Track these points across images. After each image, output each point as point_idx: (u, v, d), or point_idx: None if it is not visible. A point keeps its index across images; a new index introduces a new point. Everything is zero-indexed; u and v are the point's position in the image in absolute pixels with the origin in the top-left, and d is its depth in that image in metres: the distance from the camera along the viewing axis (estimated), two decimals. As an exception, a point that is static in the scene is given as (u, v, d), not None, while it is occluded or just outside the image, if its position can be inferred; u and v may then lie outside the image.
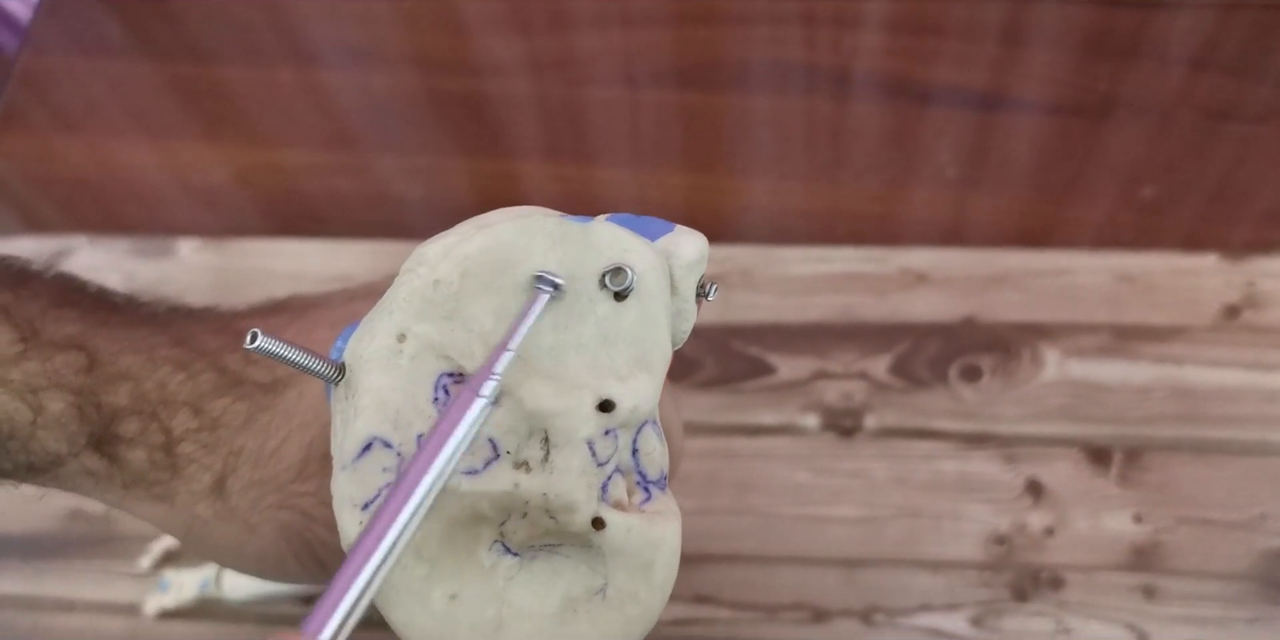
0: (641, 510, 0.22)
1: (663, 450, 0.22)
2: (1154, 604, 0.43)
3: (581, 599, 0.21)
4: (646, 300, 0.22)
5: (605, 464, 0.21)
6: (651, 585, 0.21)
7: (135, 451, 0.24)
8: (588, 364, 0.21)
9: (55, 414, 0.23)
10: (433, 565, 0.20)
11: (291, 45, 0.61)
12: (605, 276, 0.22)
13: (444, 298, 0.21)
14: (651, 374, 0.22)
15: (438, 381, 0.21)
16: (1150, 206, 0.53)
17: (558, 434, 0.21)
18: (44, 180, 0.59)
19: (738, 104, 0.58)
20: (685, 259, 0.23)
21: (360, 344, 0.21)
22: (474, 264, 0.21)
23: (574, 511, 0.21)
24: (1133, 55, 0.57)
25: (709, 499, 0.46)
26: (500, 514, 0.21)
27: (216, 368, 0.25)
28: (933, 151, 0.56)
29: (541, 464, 0.21)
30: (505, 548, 0.21)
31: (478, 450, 0.20)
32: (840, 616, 0.44)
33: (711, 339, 0.50)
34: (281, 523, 0.24)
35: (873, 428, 0.47)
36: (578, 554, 0.21)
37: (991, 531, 0.45)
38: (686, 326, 0.23)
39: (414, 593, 0.20)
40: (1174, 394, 0.47)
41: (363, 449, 0.20)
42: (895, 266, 0.51)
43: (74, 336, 0.24)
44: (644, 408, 0.21)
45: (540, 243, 0.21)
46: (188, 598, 0.44)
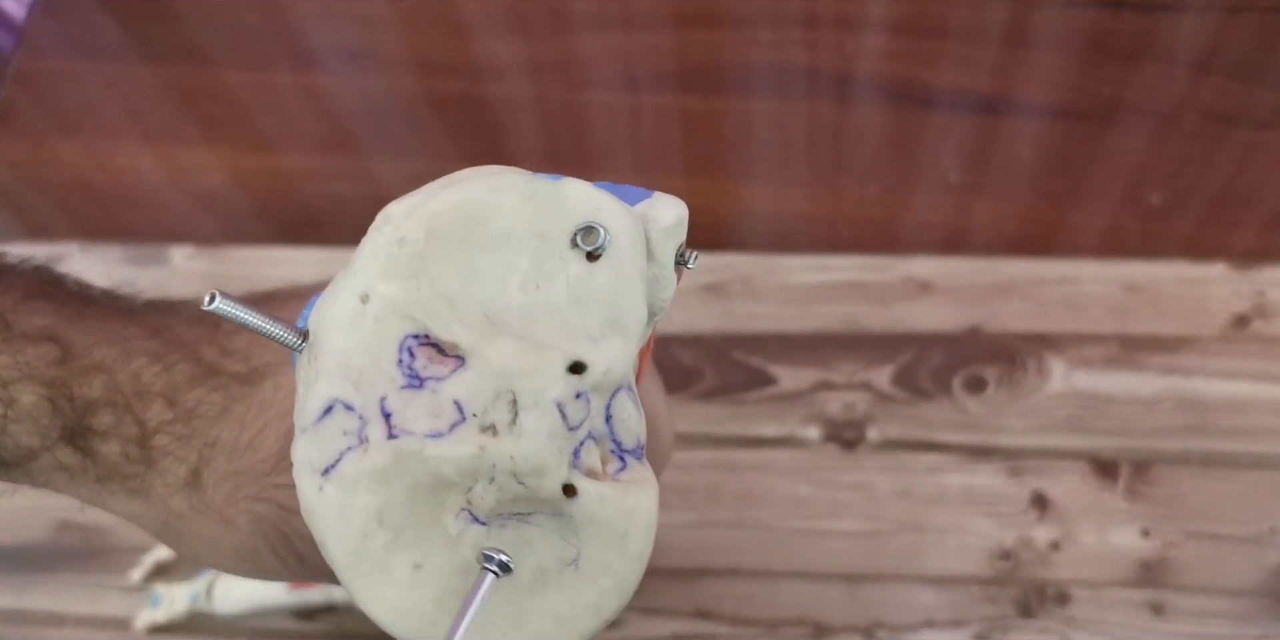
0: (616, 479, 0.21)
1: (639, 418, 0.22)
2: (1162, 621, 0.42)
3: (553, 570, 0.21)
4: (620, 261, 0.21)
5: (577, 429, 0.20)
6: (626, 556, 0.21)
7: (109, 444, 0.23)
8: (559, 325, 0.21)
9: (27, 407, 0.23)
10: (396, 533, 0.20)
11: (289, 47, 0.60)
12: (577, 235, 0.21)
13: (409, 257, 0.20)
14: (625, 337, 0.21)
15: (402, 343, 0.20)
16: (1157, 213, 0.53)
17: (526, 396, 0.20)
18: (39, 183, 0.59)
19: (739, 108, 0.57)
20: (662, 223, 0.22)
21: (323, 306, 0.20)
22: (441, 222, 0.20)
23: (543, 476, 0.20)
24: (1137, 59, 0.56)
25: (709, 512, 0.46)
26: (466, 479, 0.20)
27: (192, 359, 0.24)
28: (936, 156, 0.55)
29: (509, 427, 0.20)
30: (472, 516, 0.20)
31: (442, 413, 0.20)
32: (842, 633, 0.43)
33: (712, 349, 0.49)
34: (258, 515, 0.24)
35: (875, 440, 0.47)
36: (549, 523, 0.21)
37: (996, 546, 0.44)
38: (665, 294, 0.23)
39: (376, 562, 0.20)
40: (1182, 405, 0.46)
41: (324, 411, 0.20)
42: (898, 275, 0.50)
43: (47, 329, 0.23)
44: (617, 371, 0.21)
45: (510, 199, 0.21)
46: (179, 612, 0.43)
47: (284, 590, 0.42)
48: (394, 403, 0.20)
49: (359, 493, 0.20)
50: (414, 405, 0.20)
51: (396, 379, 0.20)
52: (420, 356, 0.20)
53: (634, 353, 0.21)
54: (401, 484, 0.20)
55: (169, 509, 0.24)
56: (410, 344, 0.20)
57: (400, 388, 0.20)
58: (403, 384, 0.20)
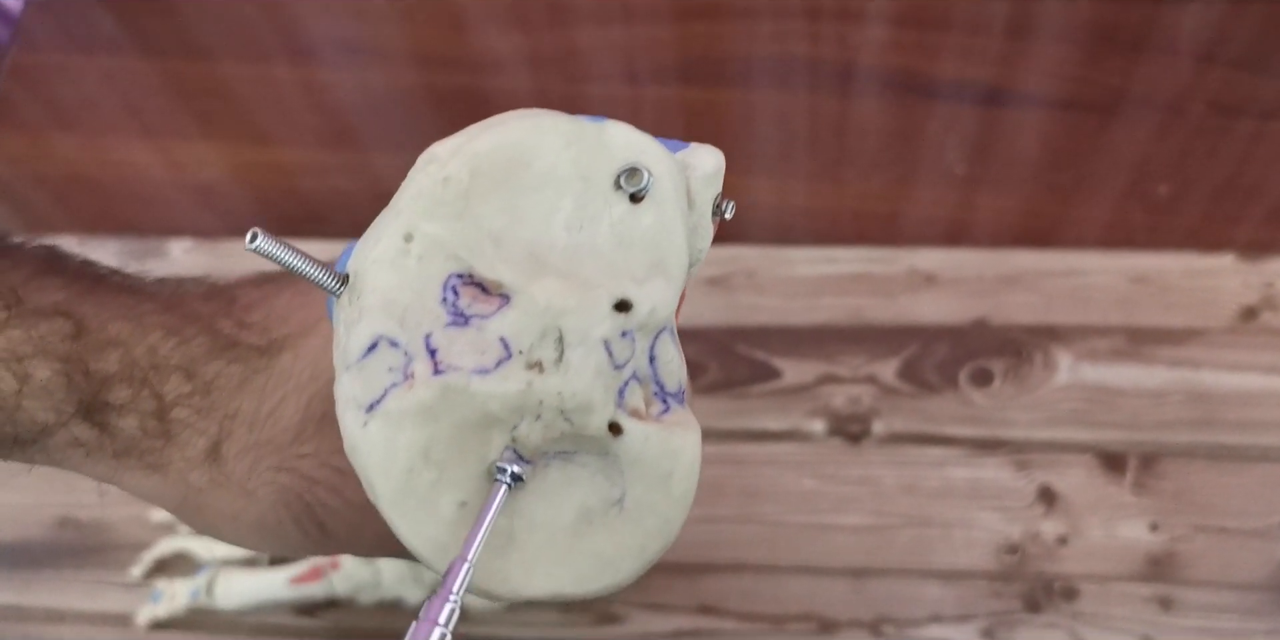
0: (661, 421, 0.21)
1: (680, 362, 0.22)
2: (1170, 615, 0.42)
3: (598, 510, 0.21)
4: (663, 204, 0.21)
5: (622, 367, 0.20)
6: (670, 497, 0.21)
7: (126, 419, 0.23)
8: (603, 266, 0.21)
9: (42, 382, 0.22)
10: (441, 470, 0.20)
11: (288, 41, 0.60)
12: (620, 177, 0.21)
13: (453, 196, 0.20)
14: (669, 279, 0.21)
15: (446, 281, 0.20)
16: (1164, 205, 0.52)
17: (573, 333, 0.20)
18: (36, 178, 0.58)
19: (741, 100, 0.57)
20: (702, 171, 0.22)
21: (366, 247, 0.20)
22: (484, 162, 0.20)
23: (590, 412, 0.20)
24: (1142, 50, 0.56)
25: (714, 507, 0.45)
26: (513, 416, 0.20)
27: (209, 332, 0.24)
28: (940, 149, 0.54)
29: (555, 364, 0.20)
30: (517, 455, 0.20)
31: (488, 350, 0.20)
32: (848, 628, 0.43)
33: (716, 342, 0.49)
34: (280, 486, 0.24)
35: (881, 433, 0.46)
36: (594, 462, 0.21)
37: (1003, 540, 0.44)
38: (703, 244, 0.23)
39: (422, 499, 0.20)
40: (1190, 398, 0.46)
41: (368, 348, 0.20)
42: (903, 267, 0.50)
43: (59, 304, 0.23)
44: (661, 311, 0.21)
45: (553, 141, 0.21)
46: (179, 607, 0.43)
47: (285, 585, 0.42)
48: (439, 339, 0.20)
49: (405, 428, 0.20)
50: (460, 342, 0.20)
51: (441, 317, 0.20)
52: (464, 295, 0.20)
53: (677, 295, 0.21)
54: (448, 420, 0.20)
55: (188, 483, 0.24)
56: (455, 282, 0.20)
57: (445, 325, 0.20)
58: (448, 321, 0.20)
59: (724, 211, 0.23)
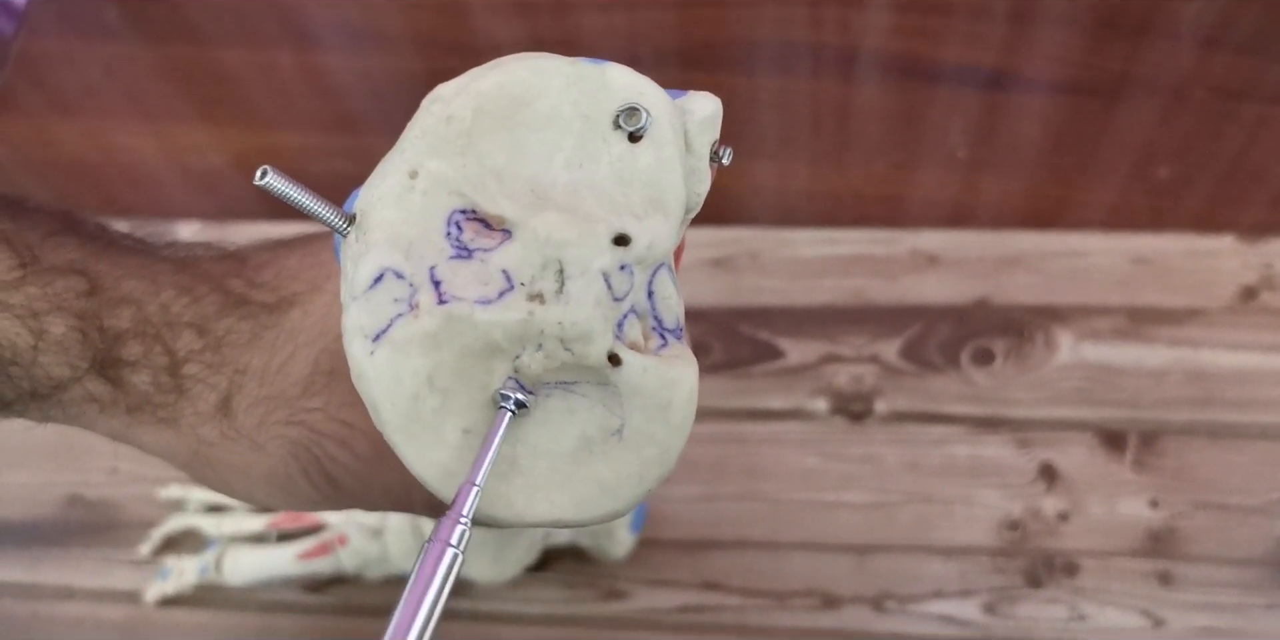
0: (658, 355, 0.22)
1: (678, 299, 0.22)
2: (1170, 590, 0.42)
3: (598, 439, 0.21)
4: (661, 143, 0.22)
5: (621, 300, 0.21)
6: (669, 426, 0.21)
7: (139, 374, 0.23)
8: (603, 202, 0.21)
9: (57, 337, 0.23)
10: (445, 397, 0.20)
11: (290, 27, 0.60)
12: (620, 116, 0.21)
13: (456, 134, 0.21)
14: (667, 216, 0.22)
15: (450, 217, 0.21)
16: (1165, 187, 0.52)
17: (572, 265, 0.20)
18: (41, 164, 0.59)
19: (744, 85, 0.57)
20: (699, 115, 0.22)
21: (372, 184, 0.21)
22: (488, 100, 0.21)
23: (590, 342, 0.20)
24: (1145, 34, 0.56)
25: (717, 485, 0.45)
26: (515, 345, 0.21)
27: (220, 290, 0.25)
28: (943, 132, 0.55)
29: (556, 295, 0.20)
30: (519, 385, 0.21)
31: (491, 281, 0.20)
32: (851, 603, 0.43)
33: (719, 322, 0.49)
34: (290, 439, 0.24)
35: (883, 412, 0.47)
36: (594, 393, 0.21)
37: (1004, 517, 0.44)
38: (701, 188, 0.23)
39: (427, 425, 0.20)
40: (1190, 377, 0.46)
41: (374, 279, 0.20)
42: (905, 248, 0.50)
43: (74, 262, 0.24)
44: (660, 246, 0.21)
45: (555, 81, 0.21)
46: (188, 584, 0.43)
47: (293, 561, 0.42)
48: (443, 271, 0.20)
49: (410, 356, 0.20)
50: (463, 274, 0.20)
51: (445, 250, 0.21)
52: (468, 230, 0.21)
53: (675, 231, 0.22)
54: (451, 349, 0.20)
55: (199, 437, 0.24)
56: (458, 218, 0.21)
57: (449, 258, 0.21)
58: (451, 255, 0.21)
59: (721, 157, 0.23)
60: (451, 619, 0.44)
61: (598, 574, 0.44)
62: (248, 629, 0.44)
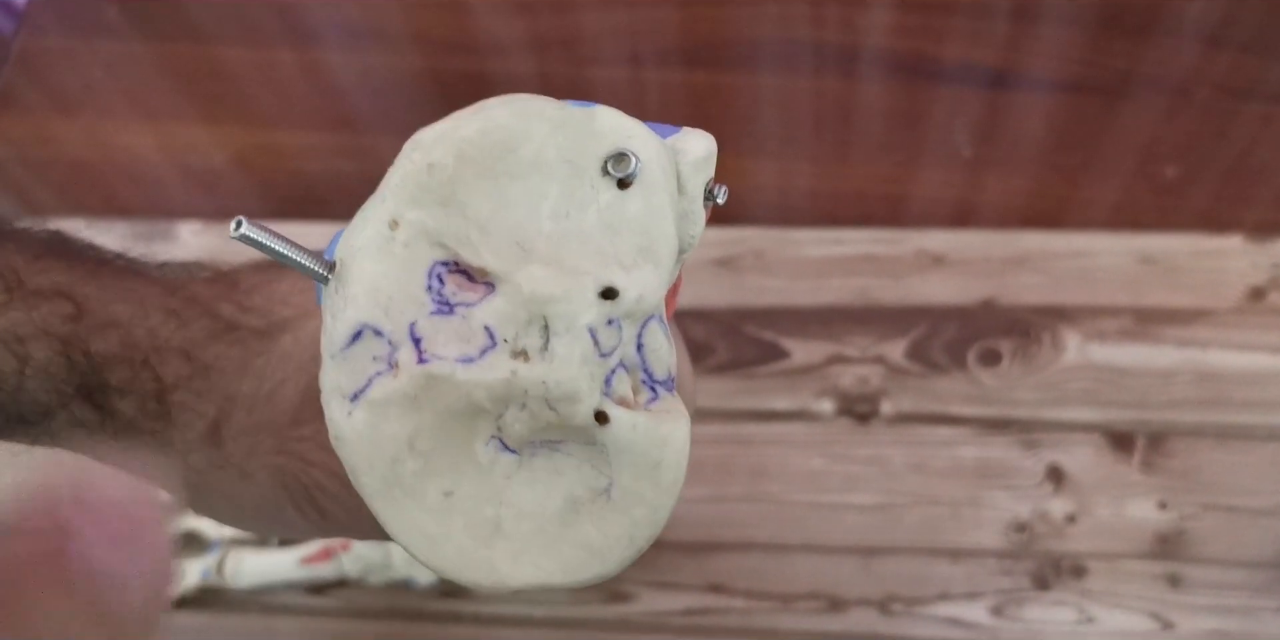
0: (649, 409, 0.21)
1: (670, 349, 0.21)
2: (1179, 593, 0.42)
3: (585, 499, 0.21)
4: (651, 189, 0.21)
5: (609, 355, 0.20)
6: (659, 485, 0.21)
7: (126, 400, 0.23)
8: (590, 252, 0.20)
9: (42, 362, 0.22)
10: (427, 459, 0.20)
11: (291, 25, 0.60)
12: (608, 162, 0.21)
13: (439, 183, 0.20)
14: (658, 266, 0.21)
15: (432, 269, 0.20)
16: (1171, 186, 0.52)
17: (558, 321, 0.20)
18: (41, 163, 0.58)
19: (746, 83, 0.57)
20: (692, 156, 0.22)
21: (352, 234, 0.20)
22: (470, 147, 0.20)
23: (576, 402, 0.20)
24: (1150, 32, 0.56)
25: (722, 486, 0.45)
26: (498, 405, 0.20)
27: (210, 315, 0.24)
28: (947, 131, 0.54)
29: (541, 352, 0.20)
30: (503, 444, 0.20)
31: (473, 338, 0.20)
32: (857, 606, 0.43)
33: (724, 323, 0.49)
34: (278, 468, 0.24)
35: (889, 413, 0.46)
36: (581, 452, 0.21)
37: (1012, 519, 0.44)
38: (695, 230, 0.22)
39: (407, 489, 0.20)
40: (1198, 378, 0.46)
41: (353, 337, 0.20)
42: (911, 248, 0.50)
43: (60, 285, 0.23)
44: (649, 299, 0.20)
45: (540, 126, 0.21)
46: (189, 587, 0.43)
47: (295, 566, 0.42)
48: (424, 328, 0.20)
49: (389, 418, 0.19)
50: (444, 331, 0.20)
51: (426, 305, 0.20)
52: (450, 283, 0.20)
53: (666, 282, 0.21)
54: (432, 410, 0.20)
55: (188, 465, 0.24)
56: (440, 271, 0.20)
57: (430, 314, 0.20)
58: (432, 310, 0.20)
59: (716, 196, 0.22)
60: (455, 622, 0.43)
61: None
62: (249, 631, 0.43)
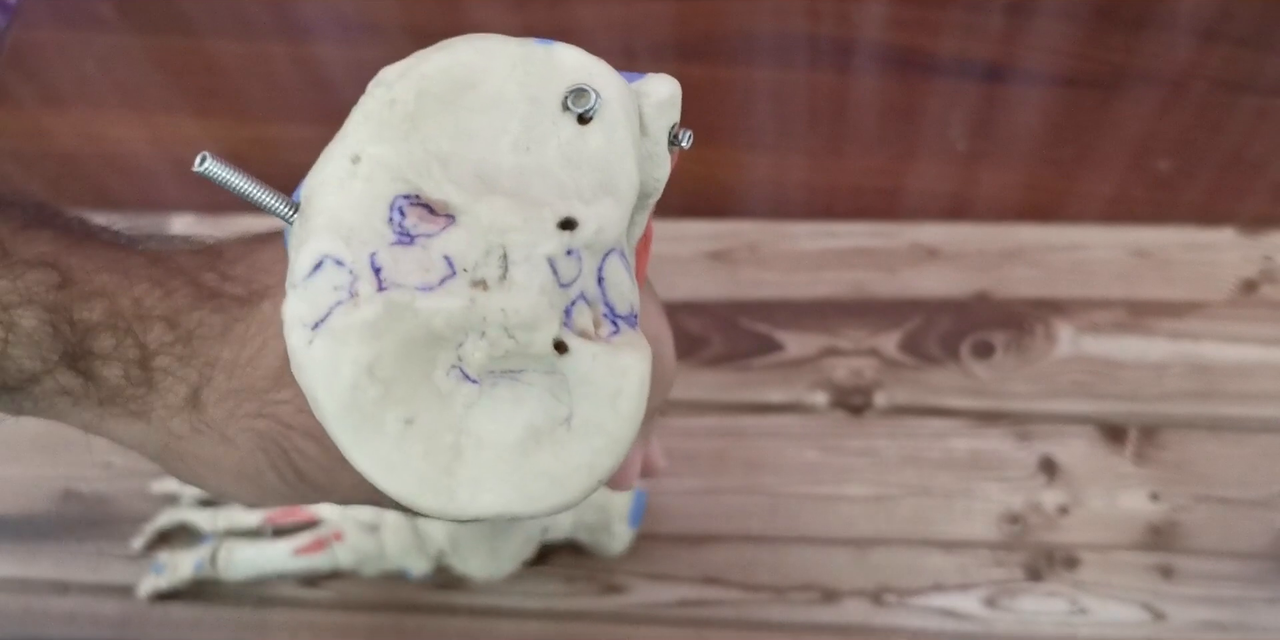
0: (609, 341, 0.21)
1: (632, 286, 0.22)
2: (1171, 584, 0.42)
3: (545, 429, 0.21)
4: (611, 125, 0.21)
5: (569, 286, 0.20)
6: (619, 415, 0.21)
7: (110, 367, 0.23)
8: (550, 186, 0.21)
9: (27, 330, 0.23)
10: (387, 386, 0.20)
11: (284, 18, 0.59)
12: (568, 98, 0.21)
13: (399, 118, 0.20)
14: (618, 200, 0.21)
15: (393, 202, 0.20)
16: (1165, 180, 0.52)
17: (517, 250, 0.20)
18: (32, 157, 0.58)
19: (741, 77, 0.57)
20: (655, 97, 0.22)
21: (316, 171, 0.21)
22: (431, 83, 0.21)
23: (534, 329, 0.20)
24: (1145, 25, 0.56)
25: (716, 478, 0.45)
26: (458, 333, 0.20)
27: (193, 284, 0.24)
28: (942, 124, 0.54)
29: (500, 281, 0.20)
30: (464, 374, 0.20)
31: (433, 267, 0.20)
32: (850, 597, 0.43)
33: (718, 315, 0.49)
34: (258, 432, 0.24)
35: (883, 405, 0.46)
36: (542, 381, 0.21)
37: (1005, 510, 0.44)
38: (659, 173, 0.23)
39: (367, 415, 0.20)
40: (1191, 370, 0.46)
41: (314, 267, 0.20)
42: (905, 241, 0.50)
43: (46, 255, 0.23)
44: (609, 231, 0.21)
45: (501, 63, 0.21)
46: (182, 579, 0.43)
47: (288, 557, 0.42)
48: (384, 258, 0.20)
49: (349, 345, 0.20)
50: (404, 260, 0.20)
51: (387, 236, 0.20)
52: (411, 215, 0.20)
53: (626, 216, 0.21)
54: (392, 337, 0.20)
55: (169, 430, 0.24)
56: (401, 203, 0.20)
57: (391, 244, 0.20)
58: (393, 240, 0.20)
59: (681, 141, 0.23)
60: (449, 614, 0.43)
61: (596, 568, 0.44)
62: (243, 623, 0.43)
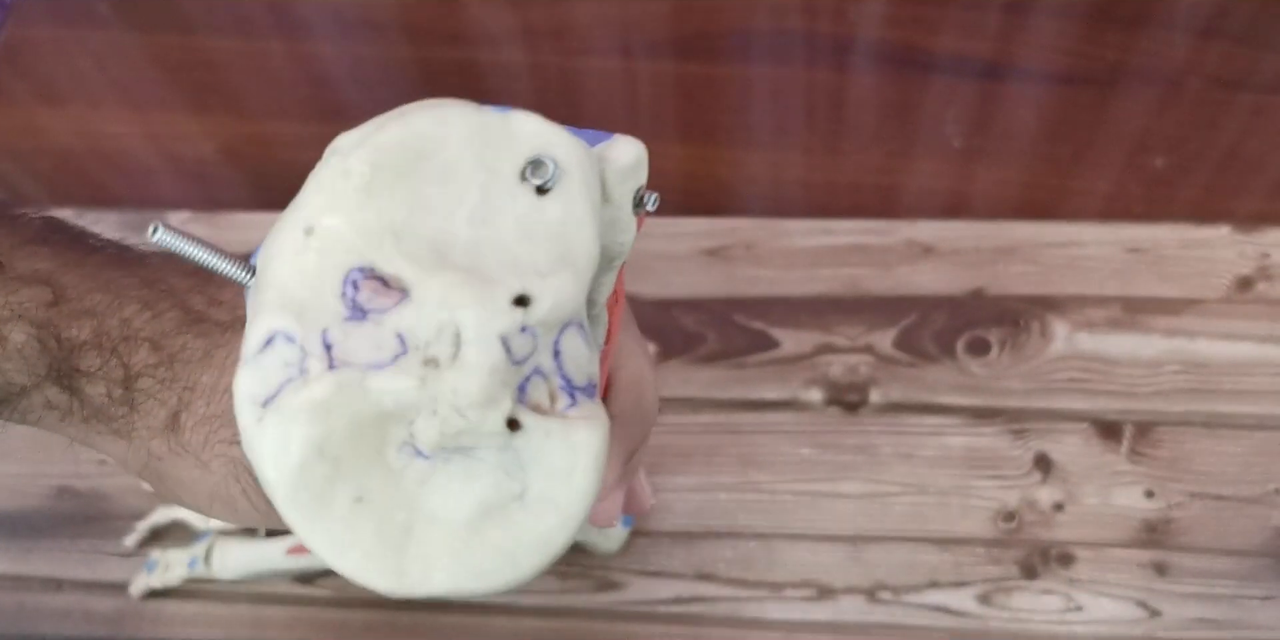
0: (565, 415, 0.21)
1: (590, 356, 0.21)
2: (1166, 581, 0.42)
3: (498, 505, 0.21)
4: (571, 195, 0.21)
5: (522, 363, 0.20)
6: (573, 490, 0.20)
7: (95, 386, 0.24)
8: (506, 260, 0.20)
9: (17, 345, 0.23)
10: (336, 465, 0.20)
11: (281, 15, 0.59)
12: (526, 169, 0.21)
13: (354, 189, 0.20)
14: (575, 273, 0.21)
15: (347, 276, 0.20)
16: (1161, 177, 0.52)
17: (469, 328, 0.20)
18: (29, 154, 0.58)
19: (738, 74, 0.57)
20: (618, 164, 0.22)
21: (269, 241, 0.20)
22: (386, 154, 0.20)
23: (486, 408, 0.20)
24: (1141, 23, 0.56)
25: (711, 476, 0.45)
26: (409, 412, 0.20)
27: (181, 307, 0.25)
28: (938, 122, 0.54)
29: (451, 360, 0.20)
30: (416, 450, 0.20)
31: (384, 345, 0.20)
32: (845, 594, 0.43)
33: (714, 313, 0.49)
34: (231, 459, 0.24)
35: (878, 402, 0.46)
36: (495, 458, 0.21)
37: (1000, 507, 0.44)
38: (624, 238, 0.22)
39: (316, 494, 0.20)
40: (1186, 368, 0.46)
41: (265, 342, 0.20)
42: (901, 238, 0.50)
43: (42, 272, 0.24)
44: (565, 306, 0.20)
45: (457, 132, 0.21)
46: (175, 577, 0.43)
47: (283, 555, 0.42)
48: (336, 334, 0.20)
49: (299, 424, 0.19)
50: (356, 337, 0.20)
51: (339, 311, 0.20)
52: (364, 289, 0.20)
53: (584, 289, 0.21)
54: (342, 416, 0.20)
55: (150, 451, 0.24)
56: (355, 277, 0.20)
57: (343, 320, 0.20)
58: (345, 316, 0.20)
59: (647, 204, 0.22)
60: (444, 611, 0.43)
61: (592, 565, 0.44)
62: (238, 621, 0.43)
